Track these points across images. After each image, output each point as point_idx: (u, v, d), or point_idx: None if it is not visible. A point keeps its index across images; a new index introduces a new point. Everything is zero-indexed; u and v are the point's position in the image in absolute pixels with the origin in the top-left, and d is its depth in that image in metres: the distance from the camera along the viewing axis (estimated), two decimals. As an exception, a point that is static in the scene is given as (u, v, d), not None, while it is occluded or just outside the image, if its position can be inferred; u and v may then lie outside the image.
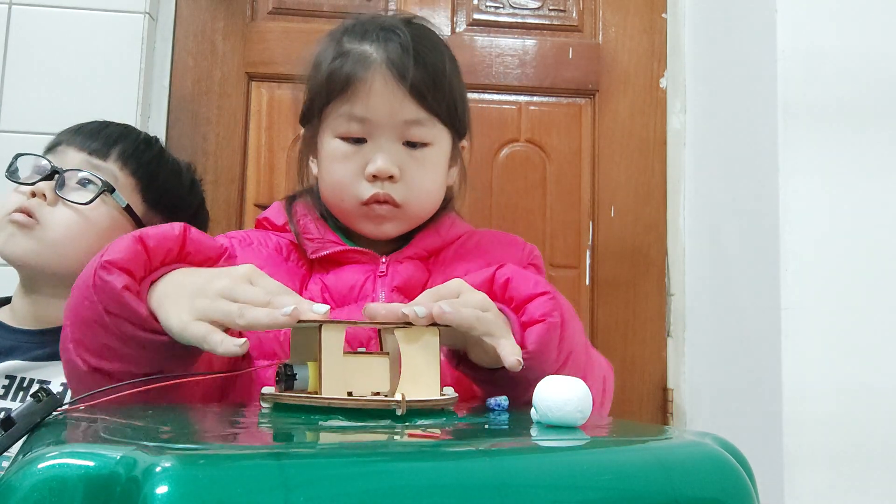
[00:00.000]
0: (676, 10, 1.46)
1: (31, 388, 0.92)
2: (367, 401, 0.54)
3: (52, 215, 0.93)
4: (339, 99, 0.86)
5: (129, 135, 1.01)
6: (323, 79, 0.87)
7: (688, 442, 0.49)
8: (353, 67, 0.85)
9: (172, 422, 0.53)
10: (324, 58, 0.88)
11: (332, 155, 0.88)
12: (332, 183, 0.89)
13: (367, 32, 0.87)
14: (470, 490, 0.39)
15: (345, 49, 0.86)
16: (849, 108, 1.10)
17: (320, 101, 0.88)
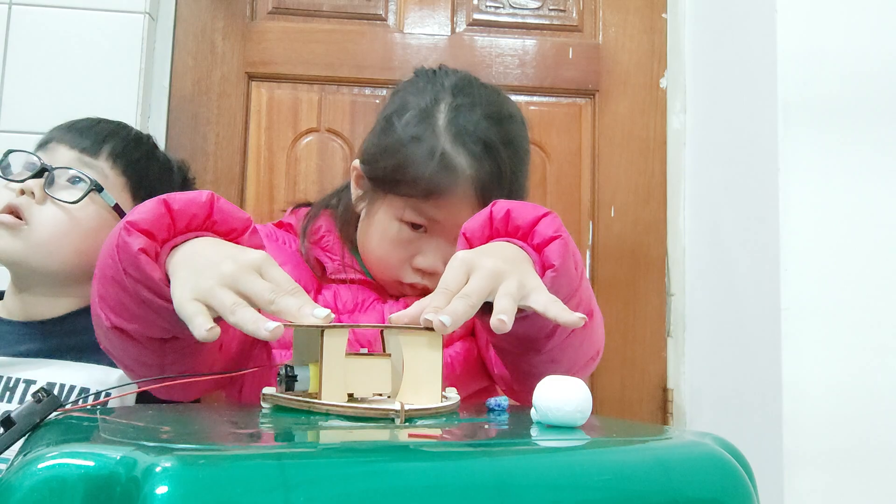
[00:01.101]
0: (676, 10, 1.46)
1: (17, 389, 0.91)
2: (365, 409, 0.54)
3: (40, 214, 0.93)
4: (417, 195, 0.84)
5: (121, 132, 1.00)
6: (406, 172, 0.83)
7: (688, 442, 0.49)
8: (440, 177, 0.82)
9: (172, 422, 0.53)
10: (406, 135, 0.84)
11: (387, 233, 0.87)
12: (379, 255, 0.88)
13: (466, 139, 0.83)
14: (470, 490, 0.39)
15: (435, 147, 0.82)
16: (849, 109, 1.10)
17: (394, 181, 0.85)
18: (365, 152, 0.90)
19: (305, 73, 1.39)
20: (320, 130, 1.39)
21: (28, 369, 0.93)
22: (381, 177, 0.86)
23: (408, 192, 0.84)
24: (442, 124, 0.84)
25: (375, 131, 0.90)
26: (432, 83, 0.89)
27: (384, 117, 0.89)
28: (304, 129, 1.38)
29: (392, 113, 0.88)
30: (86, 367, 0.94)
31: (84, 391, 0.91)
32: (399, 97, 0.90)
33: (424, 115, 0.85)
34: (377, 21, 1.43)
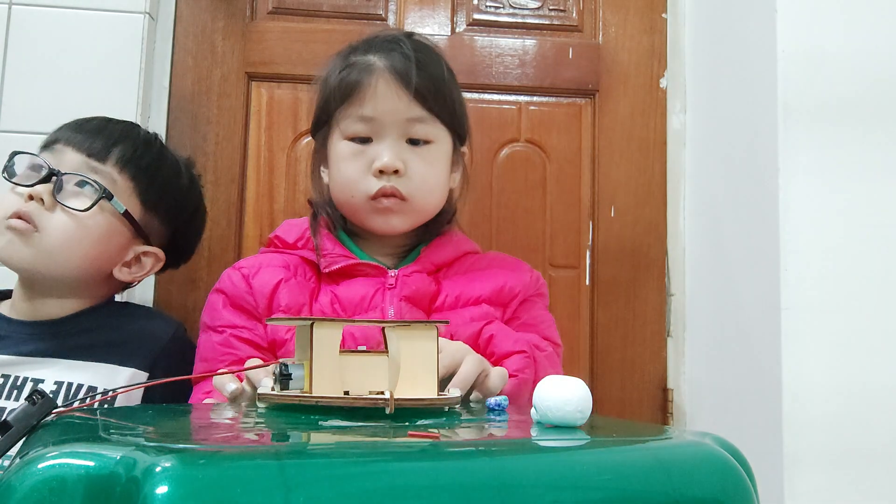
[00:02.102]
0: (676, 10, 1.46)
1: (25, 388, 0.91)
2: (354, 399, 0.54)
3: (50, 221, 0.93)
4: (346, 104, 0.94)
5: (129, 135, 1.00)
6: (332, 87, 0.96)
7: (688, 442, 0.49)
8: (359, 75, 0.94)
9: (173, 422, 0.53)
10: (332, 71, 0.98)
11: (340, 155, 0.96)
12: (341, 182, 0.96)
13: (372, 45, 0.97)
14: (470, 490, 0.39)
15: (351, 61, 0.96)
16: (849, 108, 1.10)
17: (329, 108, 0.97)
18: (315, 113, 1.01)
19: (305, 73, 1.39)
20: (320, 130, 1.38)
21: (36, 368, 0.93)
22: (319, 110, 0.99)
23: (339, 101, 0.95)
24: (359, 47, 0.98)
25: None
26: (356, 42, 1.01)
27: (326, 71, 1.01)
28: (304, 129, 1.38)
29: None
30: (93, 365, 0.94)
31: (91, 390, 0.92)
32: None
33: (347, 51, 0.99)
34: (377, 21, 1.43)
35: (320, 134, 1.01)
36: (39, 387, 0.91)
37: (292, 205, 1.36)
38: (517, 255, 1.07)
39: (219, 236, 1.34)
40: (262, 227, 1.35)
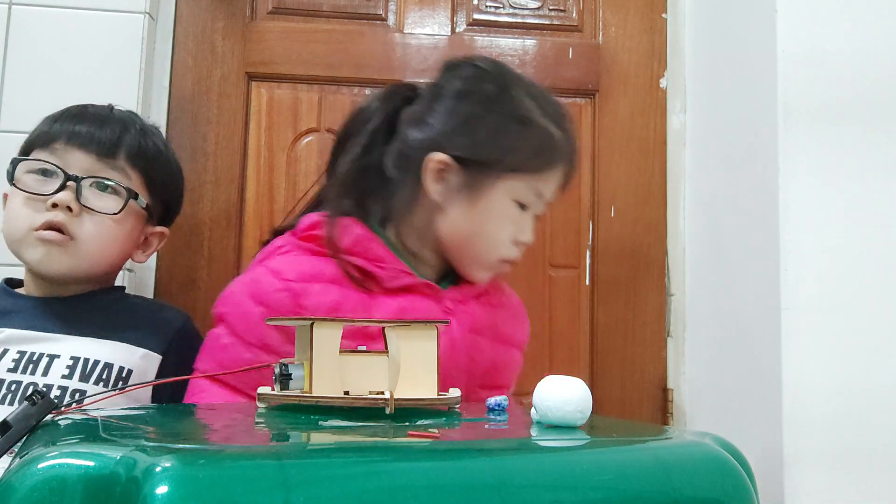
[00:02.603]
0: (676, 10, 1.46)
1: (41, 362, 0.91)
2: (354, 399, 0.54)
3: (82, 228, 0.94)
4: (530, 172, 0.95)
5: (129, 127, 1.00)
6: (526, 151, 0.94)
7: (688, 442, 0.49)
8: (554, 156, 0.96)
9: (172, 422, 0.53)
10: (538, 123, 0.95)
11: (502, 213, 0.95)
12: (489, 236, 0.96)
13: (560, 119, 0.98)
14: (470, 490, 0.39)
15: (554, 134, 0.95)
16: (849, 108, 1.10)
17: (517, 161, 0.94)
18: (459, 143, 0.94)
19: (305, 73, 1.39)
20: (320, 130, 1.38)
21: (51, 343, 0.94)
22: (498, 161, 0.94)
23: (529, 169, 0.94)
24: (535, 106, 0.95)
25: (467, 119, 0.95)
26: (490, 69, 0.98)
27: (475, 104, 0.95)
28: (304, 129, 1.38)
29: (477, 99, 0.95)
30: (109, 343, 0.96)
31: (108, 366, 0.93)
32: (468, 86, 0.97)
33: (517, 98, 0.96)
34: (377, 21, 1.43)
35: (474, 166, 0.94)
36: (55, 362, 0.92)
37: (292, 205, 1.36)
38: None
39: (219, 236, 1.34)
40: (261, 226, 1.35)
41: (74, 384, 0.90)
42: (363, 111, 1.01)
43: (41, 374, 0.90)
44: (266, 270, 0.91)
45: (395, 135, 0.98)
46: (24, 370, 0.91)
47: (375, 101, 1.01)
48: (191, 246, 1.33)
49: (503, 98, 0.95)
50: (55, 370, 0.91)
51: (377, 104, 1.01)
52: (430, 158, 0.94)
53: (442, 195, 0.95)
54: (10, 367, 0.91)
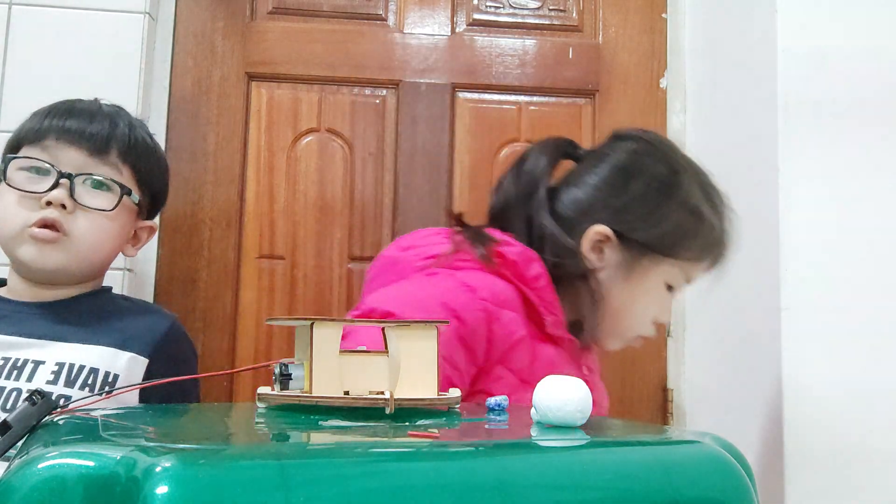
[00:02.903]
0: (676, 10, 1.46)
1: (25, 368, 0.91)
2: (354, 399, 0.54)
3: (77, 224, 0.94)
4: (693, 261, 0.98)
5: (118, 122, 1.00)
6: (700, 241, 0.97)
7: (688, 442, 0.49)
8: (724, 246, 0.99)
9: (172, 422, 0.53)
10: (706, 217, 0.97)
11: (654, 295, 0.98)
12: (635, 315, 0.99)
13: (727, 211, 1.00)
14: (470, 490, 0.39)
15: (718, 228, 0.98)
16: (849, 108, 1.10)
17: (680, 250, 0.96)
18: (627, 221, 0.95)
19: (305, 73, 1.39)
20: (320, 130, 1.39)
21: (36, 349, 0.93)
22: (661, 245, 0.95)
23: (689, 257, 0.97)
24: (704, 197, 0.97)
25: (639, 200, 0.96)
26: (660, 148, 1.00)
27: (648, 186, 0.96)
28: (304, 129, 1.38)
29: (652, 181, 0.96)
30: (94, 348, 0.94)
31: (93, 371, 0.92)
32: (643, 165, 0.97)
33: (689, 187, 0.96)
34: (377, 21, 1.43)
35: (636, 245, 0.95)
36: (40, 367, 0.91)
37: (292, 205, 1.36)
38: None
39: (219, 236, 1.34)
40: (261, 227, 1.35)
41: (59, 389, 0.90)
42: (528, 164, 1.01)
43: (25, 379, 0.90)
44: (459, 284, 0.88)
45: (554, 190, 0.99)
46: (7, 376, 0.90)
47: (542, 158, 1.00)
48: (191, 246, 1.33)
49: (673, 183, 0.96)
50: (40, 376, 0.90)
51: (544, 162, 1.00)
52: (593, 229, 0.94)
53: (597, 265, 0.95)
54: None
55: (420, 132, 1.40)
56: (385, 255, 1.02)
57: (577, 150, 1.04)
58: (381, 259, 1.02)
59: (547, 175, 1.00)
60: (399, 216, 1.38)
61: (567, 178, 1.00)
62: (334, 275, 1.35)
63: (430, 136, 1.39)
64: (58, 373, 0.91)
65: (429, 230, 1.03)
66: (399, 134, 1.39)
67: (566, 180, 1.00)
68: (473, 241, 0.94)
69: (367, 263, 1.36)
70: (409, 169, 1.38)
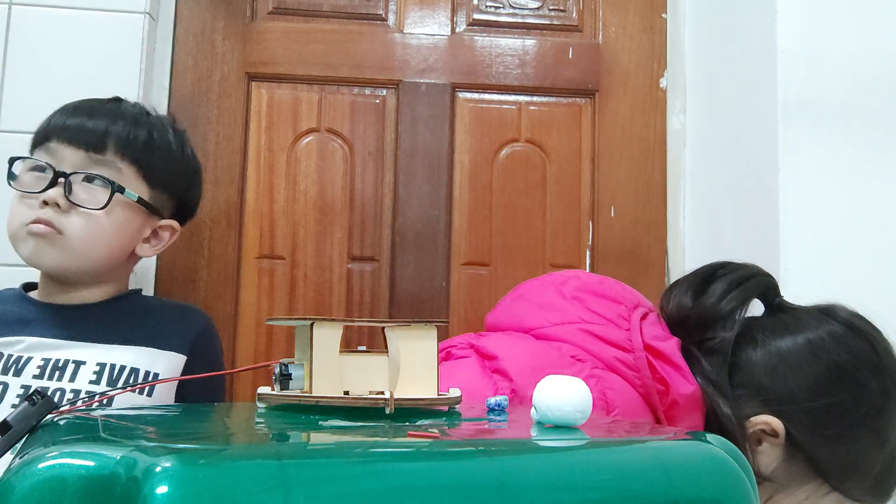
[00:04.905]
0: (676, 10, 1.46)
1: (67, 369, 0.91)
2: (354, 399, 0.54)
3: (71, 223, 0.94)
4: (855, 498, 0.82)
5: (118, 117, 0.99)
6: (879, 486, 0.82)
7: (688, 442, 0.49)
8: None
9: (172, 422, 0.53)
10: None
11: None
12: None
13: None
14: (470, 490, 0.39)
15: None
16: (849, 108, 1.10)
17: (853, 488, 0.81)
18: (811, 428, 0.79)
19: (305, 73, 1.39)
20: (320, 130, 1.39)
21: (75, 350, 0.94)
22: (832, 475, 0.80)
23: (852, 496, 0.80)
24: None
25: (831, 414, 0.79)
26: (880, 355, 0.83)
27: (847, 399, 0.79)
28: (304, 129, 1.38)
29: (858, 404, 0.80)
30: (133, 349, 0.96)
31: (133, 371, 0.93)
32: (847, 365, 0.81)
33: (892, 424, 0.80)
34: (377, 21, 1.43)
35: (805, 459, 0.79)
36: (82, 368, 0.92)
37: (292, 205, 1.36)
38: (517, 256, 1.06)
39: (219, 236, 1.34)
40: (261, 227, 1.35)
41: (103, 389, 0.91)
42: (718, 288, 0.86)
43: (68, 380, 0.91)
44: (598, 391, 0.77)
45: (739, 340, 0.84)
46: (50, 377, 0.91)
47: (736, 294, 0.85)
48: (191, 246, 1.33)
49: (882, 412, 0.79)
50: (82, 376, 0.91)
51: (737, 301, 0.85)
52: (762, 417, 0.80)
53: (749, 454, 0.80)
54: (35, 374, 0.91)
55: (420, 132, 1.40)
56: (551, 285, 0.89)
57: (776, 298, 0.89)
58: (545, 286, 0.89)
59: (736, 313, 0.85)
60: (399, 216, 1.38)
61: (752, 329, 0.85)
62: (334, 275, 1.35)
63: (430, 136, 1.39)
64: (100, 373, 0.92)
65: (609, 287, 0.89)
66: (399, 134, 1.39)
67: (754, 333, 0.84)
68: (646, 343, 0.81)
69: (367, 263, 1.36)
70: (409, 169, 1.38)
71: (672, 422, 0.80)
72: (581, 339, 0.81)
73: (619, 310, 0.84)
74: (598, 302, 0.85)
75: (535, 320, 0.85)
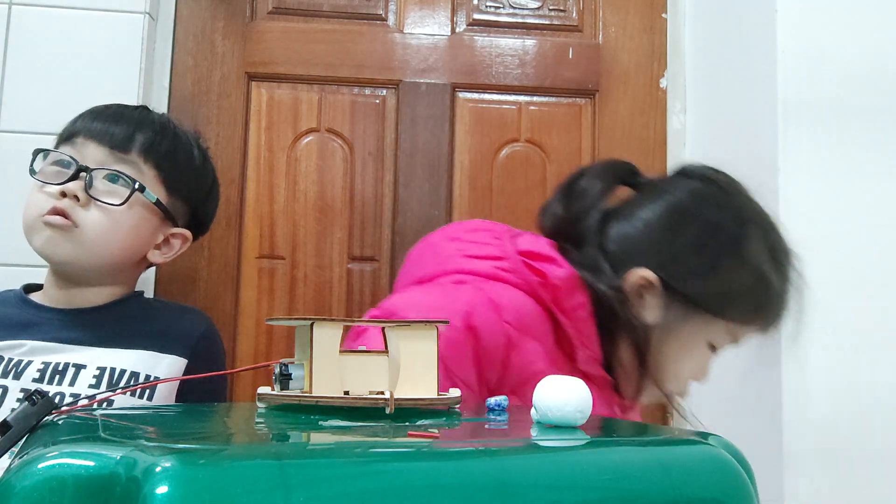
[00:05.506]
0: (676, 10, 1.46)
1: (67, 372, 0.91)
2: (355, 399, 0.54)
3: (87, 217, 0.94)
4: (743, 323, 0.89)
5: (146, 122, 1.01)
6: (759, 305, 0.88)
7: (688, 442, 0.49)
8: (781, 312, 0.89)
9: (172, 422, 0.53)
10: (769, 281, 0.87)
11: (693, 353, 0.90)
12: (672, 372, 0.90)
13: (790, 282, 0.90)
14: (470, 490, 0.39)
15: (782, 292, 0.88)
16: (849, 108, 1.10)
17: (732, 311, 0.87)
18: (677, 271, 0.86)
19: (305, 73, 1.39)
20: (320, 130, 1.39)
21: (76, 354, 0.94)
22: (711, 304, 0.86)
23: (739, 319, 0.88)
24: (770, 259, 0.87)
25: (693, 250, 0.87)
26: (727, 192, 0.90)
27: (706, 238, 0.87)
28: (304, 129, 1.38)
29: (712, 233, 0.87)
30: (134, 352, 0.96)
31: (134, 375, 0.93)
32: (703, 210, 0.89)
33: (754, 246, 0.87)
34: (377, 21, 1.43)
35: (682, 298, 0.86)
36: (82, 372, 0.92)
37: (292, 205, 1.36)
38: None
39: (219, 236, 1.34)
40: (261, 227, 1.35)
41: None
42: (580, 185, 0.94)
43: (68, 383, 0.91)
44: (486, 300, 0.81)
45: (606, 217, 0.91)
46: (50, 380, 0.91)
47: (597, 182, 0.94)
48: (191, 246, 1.32)
49: (737, 236, 0.87)
50: (82, 380, 0.91)
51: (599, 186, 0.93)
52: (637, 272, 0.86)
53: (638, 312, 0.87)
54: (35, 378, 0.91)
55: (420, 132, 1.40)
56: (430, 240, 0.95)
57: (637, 178, 0.95)
58: (425, 243, 0.95)
59: (600, 201, 0.92)
60: (399, 216, 1.38)
61: (620, 208, 0.92)
62: (334, 275, 1.35)
63: (430, 136, 1.39)
64: (99, 377, 0.92)
65: (481, 224, 0.96)
66: (399, 134, 1.39)
67: (618, 211, 0.91)
68: (519, 250, 0.88)
69: (367, 263, 1.36)
70: (409, 169, 1.38)
71: (559, 304, 0.85)
72: (459, 264, 0.87)
73: (492, 233, 0.92)
74: (472, 234, 0.92)
75: (421, 271, 0.91)
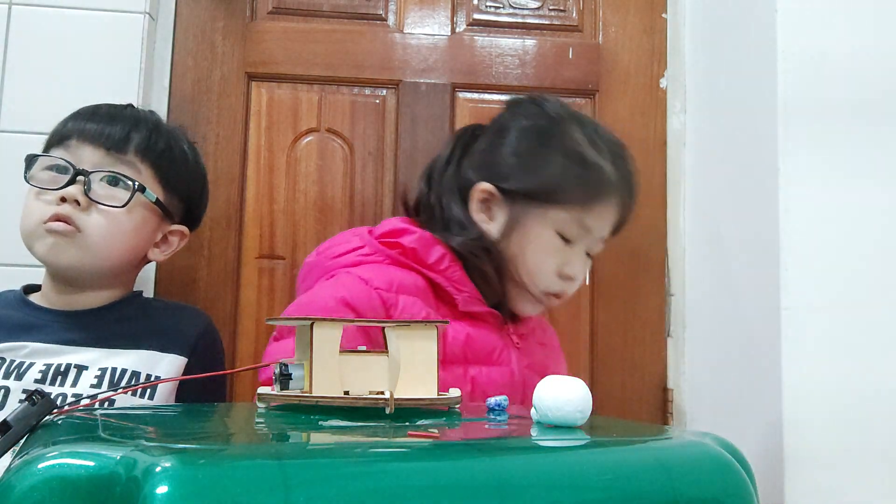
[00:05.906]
0: (676, 10, 1.46)
1: (69, 373, 0.92)
2: (355, 399, 0.54)
3: (89, 221, 0.94)
4: (575, 205, 0.97)
5: (139, 121, 1.01)
6: (571, 183, 0.97)
7: (688, 442, 0.49)
8: (600, 189, 0.97)
9: (172, 422, 0.53)
10: (586, 156, 0.97)
11: (545, 244, 0.98)
12: (533, 268, 0.98)
13: (610, 154, 0.99)
14: (470, 490, 0.39)
15: (597, 162, 0.98)
16: (849, 109, 1.10)
17: (560, 193, 0.97)
18: (503, 173, 0.99)
19: (305, 73, 1.39)
20: (320, 130, 1.39)
21: (78, 355, 0.94)
22: (540, 192, 0.97)
23: (573, 201, 0.96)
24: (586, 141, 0.98)
25: (513, 151, 0.99)
26: (548, 106, 1.02)
27: (522, 137, 0.99)
28: (304, 129, 1.38)
29: (526, 132, 1.00)
30: (135, 352, 0.96)
31: (135, 375, 0.93)
32: (520, 120, 1.02)
33: (568, 133, 0.98)
34: (377, 21, 1.43)
35: (517, 196, 0.98)
36: (84, 373, 0.92)
37: (292, 205, 1.36)
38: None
39: (219, 236, 1.34)
40: (261, 227, 1.35)
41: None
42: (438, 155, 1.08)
43: (70, 384, 0.91)
44: (354, 278, 0.92)
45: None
46: (52, 381, 0.91)
47: (448, 146, 1.07)
48: (191, 246, 1.32)
49: (553, 132, 0.98)
50: (84, 381, 0.91)
51: (449, 148, 1.06)
52: (476, 188, 0.99)
53: (487, 224, 0.99)
54: (37, 379, 0.91)
55: (420, 132, 1.40)
56: (306, 260, 1.05)
57: (481, 128, 1.07)
58: (304, 265, 1.05)
59: (447, 156, 1.04)
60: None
61: (468, 155, 1.04)
62: (334, 275, 1.35)
63: (430, 136, 1.39)
64: (101, 377, 0.92)
65: (348, 231, 1.07)
66: (399, 134, 1.39)
67: (467, 158, 1.04)
68: (376, 235, 0.99)
69: (367, 263, 1.36)
70: (409, 169, 1.38)
71: (423, 263, 0.95)
72: (328, 267, 0.97)
73: (352, 232, 1.03)
74: (333, 240, 1.04)
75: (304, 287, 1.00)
